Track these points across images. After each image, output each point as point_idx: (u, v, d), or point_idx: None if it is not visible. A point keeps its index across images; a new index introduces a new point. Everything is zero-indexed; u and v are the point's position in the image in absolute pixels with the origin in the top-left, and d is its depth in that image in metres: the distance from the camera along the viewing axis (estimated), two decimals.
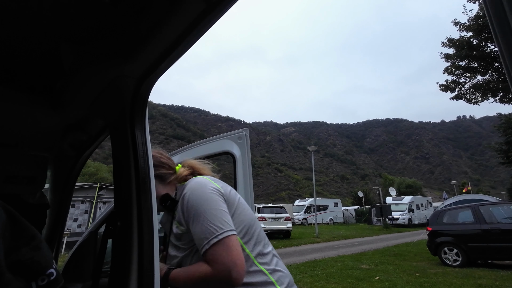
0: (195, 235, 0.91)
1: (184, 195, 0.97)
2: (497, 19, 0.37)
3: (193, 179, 1.05)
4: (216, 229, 0.88)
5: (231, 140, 1.74)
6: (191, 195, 0.96)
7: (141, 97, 0.96)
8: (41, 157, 1.55)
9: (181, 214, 0.97)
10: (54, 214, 1.66)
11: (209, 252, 0.86)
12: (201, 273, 0.86)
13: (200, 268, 0.87)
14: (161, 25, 0.73)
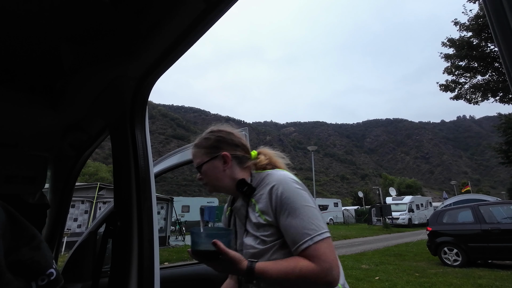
0: (290, 229, 0.87)
1: (274, 186, 0.94)
2: (497, 19, 0.37)
3: (277, 171, 1.02)
4: (318, 227, 0.87)
5: None
6: (286, 188, 0.92)
7: (141, 97, 0.96)
8: (41, 157, 1.55)
9: (269, 205, 0.93)
10: (54, 214, 1.66)
11: (313, 248, 0.84)
12: (301, 269, 0.83)
13: (299, 263, 0.84)
14: (161, 25, 0.73)
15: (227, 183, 1.06)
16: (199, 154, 1.10)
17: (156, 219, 0.88)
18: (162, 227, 13.56)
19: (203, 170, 1.07)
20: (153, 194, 0.91)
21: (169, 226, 14.11)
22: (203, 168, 1.07)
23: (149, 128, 1.01)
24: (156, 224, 0.87)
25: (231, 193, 1.11)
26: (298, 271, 0.83)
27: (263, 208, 0.95)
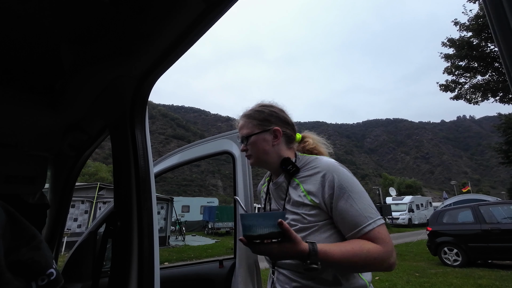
0: (351, 211, 0.88)
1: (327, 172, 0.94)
2: (497, 19, 0.37)
3: (326, 158, 1.03)
4: (376, 212, 0.90)
5: (230, 140, 1.71)
6: (343, 175, 0.94)
7: (141, 97, 0.96)
8: (41, 157, 1.55)
9: (320, 189, 0.93)
10: (54, 214, 1.66)
11: (377, 230, 0.86)
12: (369, 250, 0.83)
13: (365, 244, 0.84)
14: (161, 25, 0.73)
15: (272, 158, 1.07)
16: (249, 124, 1.10)
17: (156, 219, 0.88)
18: (162, 227, 13.56)
19: (252, 141, 1.07)
20: (153, 194, 0.91)
21: (169, 226, 14.11)
22: (251, 139, 1.08)
23: (149, 128, 1.01)
24: (156, 224, 0.87)
25: (272, 168, 1.11)
26: (366, 252, 0.82)
27: (311, 190, 0.95)
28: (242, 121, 1.14)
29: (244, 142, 1.10)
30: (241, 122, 1.14)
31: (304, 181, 0.99)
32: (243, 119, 1.14)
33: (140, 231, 0.83)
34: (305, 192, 0.96)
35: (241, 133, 1.12)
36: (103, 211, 1.86)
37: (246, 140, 1.09)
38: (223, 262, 1.77)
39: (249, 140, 1.08)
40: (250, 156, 1.10)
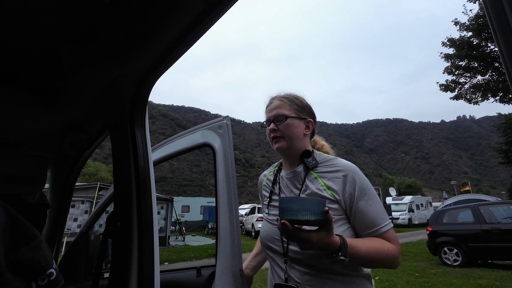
0: (371, 212, 0.93)
1: (350, 173, 0.98)
2: (497, 19, 0.37)
3: (346, 160, 1.06)
4: (387, 215, 0.97)
5: (211, 130, 1.54)
6: (363, 178, 0.99)
7: (141, 97, 0.96)
8: (41, 157, 1.55)
9: (342, 186, 0.96)
10: (54, 214, 1.66)
11: (391, 231, 0.93)
12: (388, 248, 0.89)
13: (385, 243, 0.90)
14: (161, 25, 0.73)
15: (298, 146, 1.08)
16: (287, 106, 1.09)
17: (156, 219, 0.88)
18: (162, 227, 13.56)
19: (288, 123, 1.06)
20: (153, 194, 0.91)
21: (169, 226, 14.11)
22: (288, 120, 1.06)
23: (149, 128, 1.01)
24: (156, 224, 0.87)
25: (292, 157, 1.10)
26: (386, 250, 0.89)
27: (331, 186, 0.98)
28: (278, 101, 1.10)
29: (277, 122, 1.07)
30: (276, 102, 1.10)
31: (323, 176, 1.02)
32: (280, 99, 1.11)
33: (140, 231, 0.83)
34: (324, 187, 0.99)
35: (277, 112, 1.08)
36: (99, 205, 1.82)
37: (280, 121, 1.06)
38: (201, 271, 1.55)
39: (285, 121, 1.06)
40: (279, 139, 1.07)
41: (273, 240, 1.04)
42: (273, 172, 1.23)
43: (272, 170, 1.25)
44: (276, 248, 1.03)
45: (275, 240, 1.04)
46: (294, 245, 0.92)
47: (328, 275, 0.91)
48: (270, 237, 1.06)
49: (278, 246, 1.02)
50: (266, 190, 1.21)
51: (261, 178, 1.30)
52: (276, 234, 1.03)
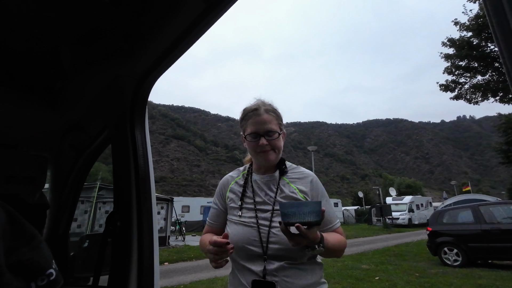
0: (329, 212, 1.12)
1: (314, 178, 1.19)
2: (497, 19, 0.37)
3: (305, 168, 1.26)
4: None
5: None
6: (320, 183, 1.21)
7: (141, 97, 0.96)
8: (41, 157, 1.55)
9: (309, 189, 1.15)
10: (54, 214, 1.65)
11: (340, 228, 1.18)
12: (343, 241, 1.14)
13: (341, 237, 1.13)
14: (161, 25, 0.73)
15: (279, 157, 1.20)
16: (274, 121, 1.17)
17: (156, 219, 0.88)
18: (162, 227, 13.55)
19: (277, 139, 1.15)
20: (153, 194, 0.91)
21: (169, 226, 14.10)
22: (276, 136, 1.15)
23: (149, 128, 1.01)
24: (156, 224, 0.87)
25: (271, 165, 1.20)
26: (343, 241, 1.13)
27: (302, 189, 1.15)
28: (267, 115, 1.15)
29: (268, 137, 1.14)
30: (266, 116, 1.15)
31: (293, 181, 1.18)
32: (268, 113, 1.16)
33: (140, 231, 0.83)
34: (297, 190, 1.15)
35: (269, 127, 1.14)
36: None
37: (271, 137, 1.14)
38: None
39: (273, 136, 1.14)
40: (270, 152, 1.15)
41: (251, 241, 1.06)
42: (242, 176, 1.25)
43: (241, 174, 1.27)
44: (254, 249, 1.05)
45: (254, 241, 1.06)
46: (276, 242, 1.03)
47: (299, 265, 1.04)
48: (248, 239, 1.06)
49: (256, 247, 1.05)
50: (234, 193, 1.21)
51: (228, 179, 1.29)
52: (254, 235, 1.06)
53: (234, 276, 1.11)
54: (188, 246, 13.02)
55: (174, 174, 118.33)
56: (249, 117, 1.17)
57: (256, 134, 1.14)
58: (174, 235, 16.35)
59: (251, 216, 1.11)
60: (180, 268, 8.30)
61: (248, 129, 1.17)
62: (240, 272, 1.07)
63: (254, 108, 1.18)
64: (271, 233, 1.05)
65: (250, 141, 1.16)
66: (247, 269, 1.05)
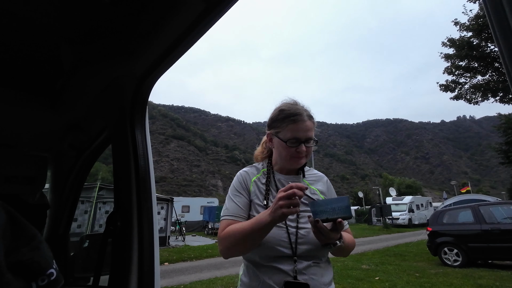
0: None
1: (326, 178, 1.28)
2: (497, 19, 0.37)
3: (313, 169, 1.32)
4: None
5: None
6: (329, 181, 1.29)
7: (141, 97, 0.96)
8: (41, 157, 1.55)
9: (326, 190, 1.23)
10: (54, 214, 1.65)
11: (349, 229, 1.23)
12: (352, 241, 1.20)
13: (352, 237, 1.21)
14: (161, 25, 0.73)
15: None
16: (313, 129, 1.18)
17: (156, 219, 0.88)
18: (162, 228, 13.55)
19: (312, 148, 1.17)
20: (153, 194, 0.91)
21: (169, 227, 14.10)
22: (313, 144, 1.16)
23: (149, 128, 1.01)
24: (156, 224, 0.87)
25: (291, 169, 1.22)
26: (353, 240, 1.22)
27: (321, 190, 1.22)
28: (310, 123, 1.15)
29: (308, 145, 1.14)
30: (309, 123, 1.14)
31: (312, 183, 1.23)
32: (310, 120, 1.15)
33: (140, 231, 0.83)
34: (317, 191, 1.20)
35: (309, 135, 1.13)
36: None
37: (310, 144, 1.14)
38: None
39: (311, 144, 1.15)
40: (304, 159, 1.16)
41: (280, 242, 1.04)
42: (262, 174, 1.21)
43: (260, 171, 1.23)
44: (283, 249, 1.03)
45: (282, 242, 1.05)
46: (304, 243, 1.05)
47: (321, 263, 1.09)
48: (277, 240, 1.04)
49: (285, 248, 1.04)
50: (258, 189, 1.17)
51: (248, 173, 1.23)
52: (282, 236, 1.05)
53: (253, 278, 1.06)
54: (188, 246, 13.02)
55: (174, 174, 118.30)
56: (291, 122, 1.12)
57: (297, 140, 1.11)
58: (174, 235, 16.35)
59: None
60: (180, 268, 8.30)
61: (288, 134, 1.12)
62: (264, 273, 1.03)
63: (298, 113, 1.13)
64: (299, 234, 1.05)
65: (290, 146, 1.11)
66: (275, 269, 1.02)
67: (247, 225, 1.01)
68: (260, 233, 0.98)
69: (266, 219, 0.94)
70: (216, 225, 18.43)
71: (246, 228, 1.00)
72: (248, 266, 1.10)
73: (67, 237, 1.64)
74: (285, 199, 0.90)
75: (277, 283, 1.00)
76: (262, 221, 0.96)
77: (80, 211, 11.29)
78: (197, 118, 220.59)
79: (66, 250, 1.63)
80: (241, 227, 1.02)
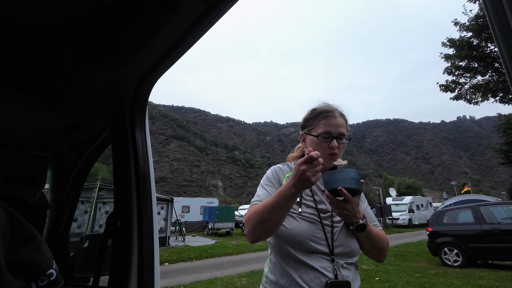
0: (369, 213, 1.17)
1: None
2: (497, 19, 0.37)
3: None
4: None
5: None
6: None
7: (141, 98, 0.96)
8: (41, 157, 1.55)
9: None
10: (54, 215, 1.65)
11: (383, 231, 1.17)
12: (386, 238, 1.14)
13: (383, 232, 1.15)
14: (161, 26, 0.73)
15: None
16: (346, 126, 1.17)
17: (156, 219, 0.88)
18: (162, 228, 13.55)
19: (344, 144, 1.16)
20: (153, 194, 0.91)
21: (169, 227, 14.09)
22: (345, 141, 1.15)
23: (149, 128, 1.01)
24: (156, 224, 0.87)
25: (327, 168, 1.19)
26: (386, 238, 1.14)
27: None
28: (342, 119, 1.16)
29: (340, 141, 1.13)
30: (341, 120, 1.16)
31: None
32: (343, 118, 1.17)
33: (140, 232, 0.83)
34: None
35: (341, 130, 1.14)
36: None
37: (342, 140, 1.13)
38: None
39: (343, 140, 1.14)
40: (336, 156, 1.13)
41: (314, 238, 1.02)
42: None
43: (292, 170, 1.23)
44: (317, 246, 1.01)
45: (317, 238, 1.03)
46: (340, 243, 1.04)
47: (353, 268, 1.06)
48: (310, 235, 1.03)
49: (320, 245, 1.02)
50: None
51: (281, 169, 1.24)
52: (316, 232, 1.03)
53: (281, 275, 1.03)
54: (188, 246, 13.02)
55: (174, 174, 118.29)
56: (323, 117, 1.15)
57: (329, 134, 1.11)
58: (174, 235, 16.34)
59: (312, 213, 1.08)
60: (180, 269, 8.29)
61: (320, 129, 1.13)
62: (294, 270, 1.01)
63: (330, 110, 1.16)
64: (335, 232, 1.05)
65: (321, 141, 1.12)
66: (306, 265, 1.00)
67: (271, 198, 0.99)
68: (285, 205, 0.95)
69: (290, 188, 0.93)
70: (216, 225, 18.43)
71: (270, 201, 0.98)
72: (276, 263, 1.07)
73: (67, 237, 1.63)
74: (305, 164, 0.90)
75: (307, 280, 0.97)
76: (286, 191, 0.94)
77: (80, 211, 11.28)
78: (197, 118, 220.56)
79: (66, 250, 1.63)
80: (265, 202, 1.00)
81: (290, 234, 1.02)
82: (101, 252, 1.03)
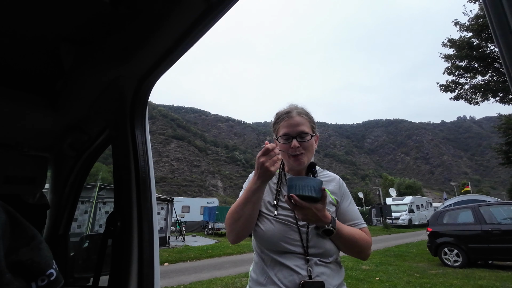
0: (353, 211, 1.18)
1: (340, 180, 1.25)
2: (497, 19, 0.37)
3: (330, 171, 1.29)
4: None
5: None
6: (343, 182, 1.26)
7: (141, 98, 0.96)
8: (41, 157, 1.55)
9: (338, 190, 1.20)
10: (54, 215, 1.65)
11: (366, 229, 1.17)
12: (362, 235, 1.11)
13: (361, 233, 1.12)
14: (161, 26, 0.73)
15: (310, 160, 1.19)
16: (307, 124, 1.16)
17: (156, 219, 0.88)
18: (162, 228, 13.55)
19: (309, 142, 1.14)
20: (153, 194, 0.91)
21: (169, 227, 14.10)
22: (309, 139, 1.14)
23: (149, 129, 1.01)
24: (156, 224, 0.87)
25: (302, 169, 1.20)
26: (364, 237, 1.11)
27: (333, 191, 1.19)
28: (299, 117, 1.16)
29: (301, 140, 1.13)
30: (298, 118, 1.15)
31: (324, 184, 1.17)
32: (301, 115, 1.16)
33: (140, 232, 0.83)
34: (329, 192, 1.16)
35: (302, 129, 1.13)
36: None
37: (303, 139, 1.13)
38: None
39: (309, 140, 1.14)
40: (301, 156, 1.13)
41: (289, 240, 1.04)
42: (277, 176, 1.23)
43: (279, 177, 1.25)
44: (292, 248, 1.03)
45: (291, 240, 1.04)
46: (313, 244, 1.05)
47: (331, 265, 1.06)
48: (284, 237, 1.05)
49: (295, 246, 1.04)
50: (269, 187, 1.20)
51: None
52: (291, 234, 1.05)
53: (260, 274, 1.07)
54: (188, 246, 13.02)
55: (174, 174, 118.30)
56: (282, 120, 1.17)
57: (288, 136, 1.13)
58: (174, 235, 16.35)
59: (287, 215, 1.09)
60: (180, 269, 8.29)
61: (280, 131, 1.16)
62: (271, 269, 1.04)
63: (287, 111, 1.18)
64: (310, 233, 1.05)
65: (282, 143, 1.15)
66: (281, 265, 1.02)
67: (241, 196, 1.08)
68: (254, 198, 1.03)
69: (255, 182, 1.01)
70: (216, 225, 18.43)
71: (241, 199, 1.06)
72: (258, 262, 1.11)
73: (67, 237, 1.63)
74: (263, 156, 0.98)
75: (281, 278, 1.01)
76: (252, 186, 1.03)
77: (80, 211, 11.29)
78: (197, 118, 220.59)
79: (66, 250, 1.63)
80: (237, 201, 1.09)
81: (265, 235, 1.06)
82: (101, 252, 1.03)
